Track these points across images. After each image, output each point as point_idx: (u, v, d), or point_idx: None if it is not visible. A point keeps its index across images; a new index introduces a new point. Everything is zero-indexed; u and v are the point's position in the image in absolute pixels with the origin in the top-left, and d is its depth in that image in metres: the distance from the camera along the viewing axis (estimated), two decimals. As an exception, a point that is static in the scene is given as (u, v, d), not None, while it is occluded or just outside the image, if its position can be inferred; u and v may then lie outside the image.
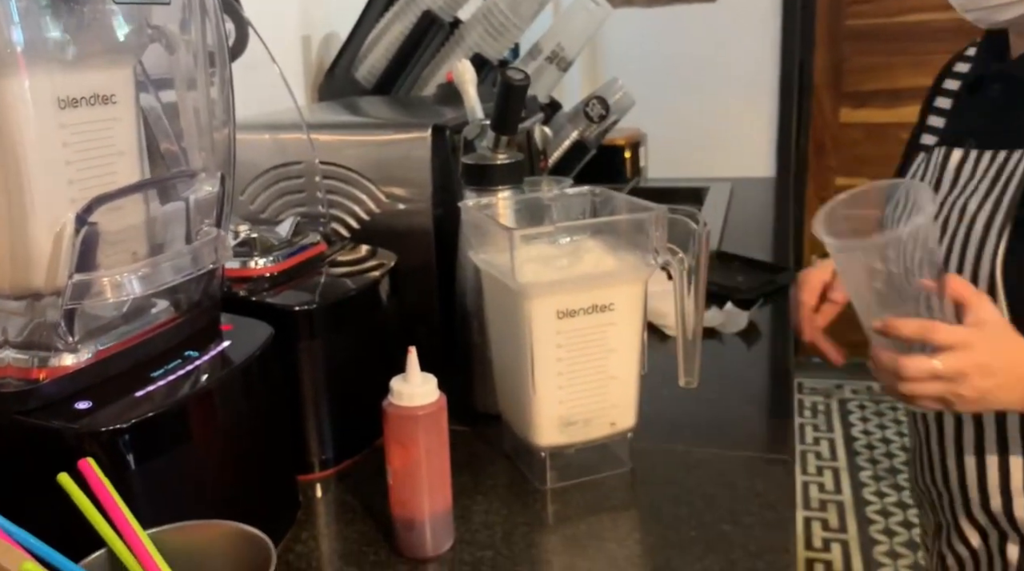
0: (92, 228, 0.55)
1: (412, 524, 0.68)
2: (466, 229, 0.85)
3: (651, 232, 0.75)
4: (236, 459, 0.66)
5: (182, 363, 0.63)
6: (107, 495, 0.49)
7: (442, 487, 0.69)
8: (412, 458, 0.67)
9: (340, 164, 1.00)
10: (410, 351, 0.67)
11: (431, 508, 0.68)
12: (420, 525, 0.68)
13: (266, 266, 0.82)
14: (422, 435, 0.67)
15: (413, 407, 0.66)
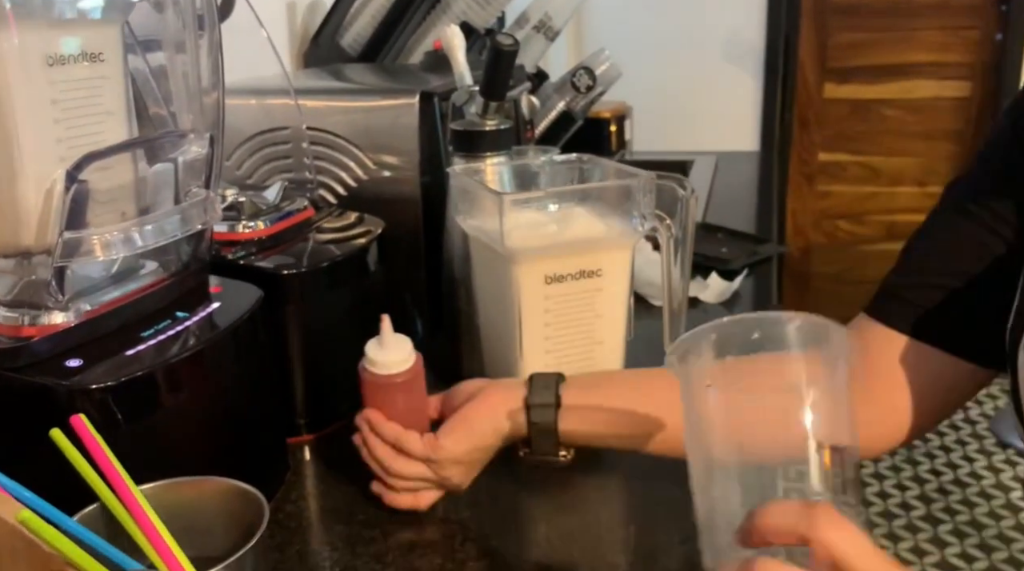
0: (82, 186, 0.55)
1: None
2: (455, 195, 0.86)
3: (639, 198, 0.75)
4: (225, 420, 0.66)
5: (171, 324, 0.63)
6: (99, 451, 0.50)
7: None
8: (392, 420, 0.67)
9: (327, 130, 0.99)
10: (383, 318, 0.67)
11: None
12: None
13: (254, 230, 0.82)
14: (401, 400, 0.67)
15: (390, 375, 0.67)
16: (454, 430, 0.66)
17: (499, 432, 0.67)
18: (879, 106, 2.88)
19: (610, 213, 0.78)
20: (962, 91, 2.80)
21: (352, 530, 0.68)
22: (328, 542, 0.67)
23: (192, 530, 0.52)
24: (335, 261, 0.82)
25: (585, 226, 0.79)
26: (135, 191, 0.63)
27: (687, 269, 0.81)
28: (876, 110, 2.88)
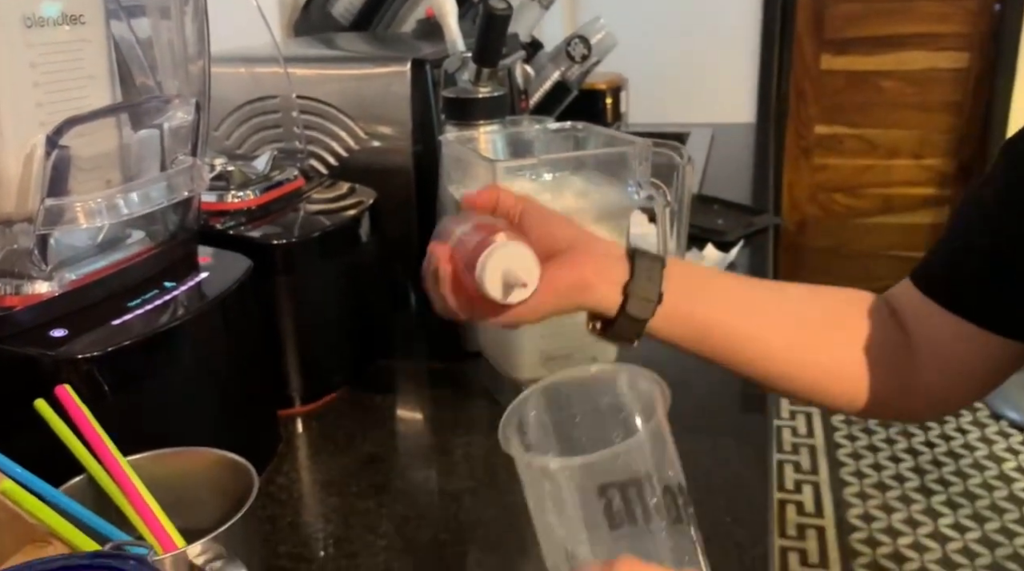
0: (63, 151, 0.53)
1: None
2: (447, 163, 0.84)
3: (635, 165, 0.74)
4: (215, 391, 0.65)
5: (159, 294, 0.62)
6: (85, 421, 0.49)
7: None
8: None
9: (318, 99, 0.98)
10: None
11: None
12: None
13: (243, 200, 0.80)
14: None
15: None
16: (536, 294, 0.56)
17: (583, 306, 0.60)
18: (876, 78, 2.85)
19: (605, 182, 0.77)
20: (960, 62, 2.78)
21: (345, 502, 0.67)
22: (321, 514, 0.66)
23: (180, 502, 0.51)
24: (326, 231, 0.80)
25: (580, 195, 0.77)
26: (120, 158, 0.62)
27: (683, 240, 0.80)
28: (873, 81, 2.86)
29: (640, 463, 0.43)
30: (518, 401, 0.48)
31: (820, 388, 0.63)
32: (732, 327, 0.62)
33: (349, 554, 0.61)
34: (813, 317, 0.64)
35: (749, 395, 0.82)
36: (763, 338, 0.62)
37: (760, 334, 0.62)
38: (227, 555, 0.45)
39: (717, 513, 0.64)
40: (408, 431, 0.80)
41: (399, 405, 0.83)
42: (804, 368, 0.63)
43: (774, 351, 0.62)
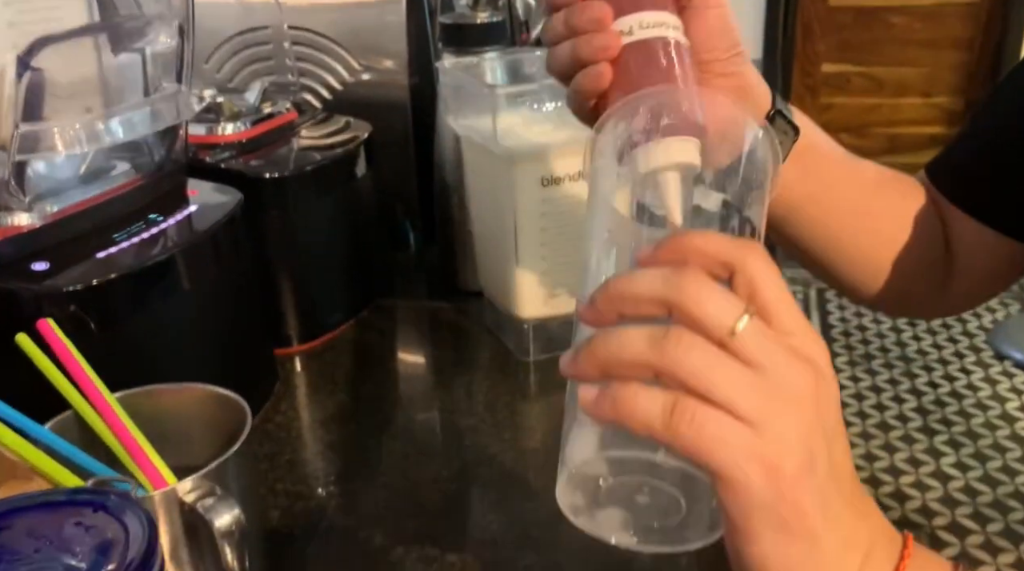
0: (37, 74, 0.50)
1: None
2: (445, 93, 0.81)
3: None
4: (207, 328, 0.63)
5: (146, 227, 0.60)
6: (69, 356, 0.47)
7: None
8: None
9: (310, 29, 0.94)
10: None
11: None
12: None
13: (233, 133, 0.78)
14: None
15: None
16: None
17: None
18: (885, 13, 2.78)
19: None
20: (972, -4, 2.71)
21: (344, 439, 0.66)
22: (320, 452, 0.65)
23: (171, 438, 0.49)
24: (320, 165, 0.78)
25: (583, 125, 0.74)
26: (100, 84, 0.59)
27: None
28: (882, 17, 2.78)
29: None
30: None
31: (866, 260, 0.62)
32: (818, 178, 0.58)
33: (348, 491, 0.59)
34: (894, 201, 0.62)
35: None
36: (831, 204, 0.60)
37: (829, 201, 0.59)
38: (219, 493, 0.43)
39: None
40: (408, 370, 0.78)
41: (399, 344, 0.82)
42: (864, 230, 0.61)
43: (841, 207, 0.60)
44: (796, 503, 0.29)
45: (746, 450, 0.28)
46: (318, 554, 0.54)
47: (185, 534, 0.44)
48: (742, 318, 0.29)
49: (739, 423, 0.29)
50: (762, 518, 0.29)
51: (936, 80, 2.83)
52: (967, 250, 0.62)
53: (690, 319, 0.29)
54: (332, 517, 0.57)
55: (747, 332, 0.29)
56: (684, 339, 0.29)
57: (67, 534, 0.31)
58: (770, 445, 0.29)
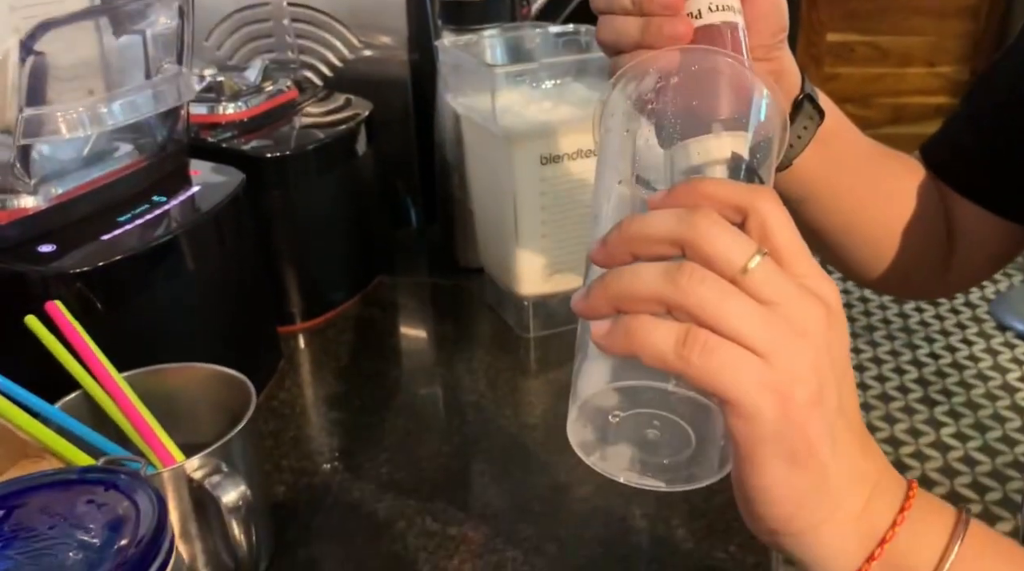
0: (40, 58, 0.51)
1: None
2: (444, 71, 0.81)
3: None
4: (212, 307, 0.64)
5: (150, 208, 0.60)
6: (77, 337, 0.48)
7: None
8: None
9: (310, 6, 0.94)
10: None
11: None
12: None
13: (234, 112, 0.78)
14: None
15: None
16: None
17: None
18: (891, -18, 2.76)
19: (587, 91, 0.74)
20: (978, -36, 2.68)
21: (349, 416, 0.67)
22: (324, 428, 0.66)
23: (178, 417, 0.51)
24: (321, 144, 0.78)
25: (583, 102, 0.75)
26: (102, 67, 0.59)
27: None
28: (888, -14, 2.76)
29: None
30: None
31: (878, 239, 0.62)
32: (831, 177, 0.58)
33: (352, 467, 0.61)
34: (904, 183, 0.62)
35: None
36: (845, 188, 0.59)
37: (844, 185, 0.59)
38: (226, 470, 0.44)
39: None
40: (410, 347, 0.79)
41: (401, 321, 0.83)
42: (877, 209, 0.61)
43: (858, 192, 0.60)
44: (805, 432, 0.30)
45: (757, 378, 0.29)
46: (322, 528, 0.55)
47: (194, 510, 0.45)
48: (754, 257, 0.30)
49: (750, 353, 0.29)
50: (771, 447, 0.30)
51: (941, 49, 2.81)
52: (965, 231, 0.62)
53: (703, 256, 0.30)
54: (336, 492, 0.58)
55: (759, 270, 0.29)
56: (696, 273, 0.29)
57: (80, 511, 0.32)
58: (781, 374, 0.29)
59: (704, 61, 0.40)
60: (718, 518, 0.54)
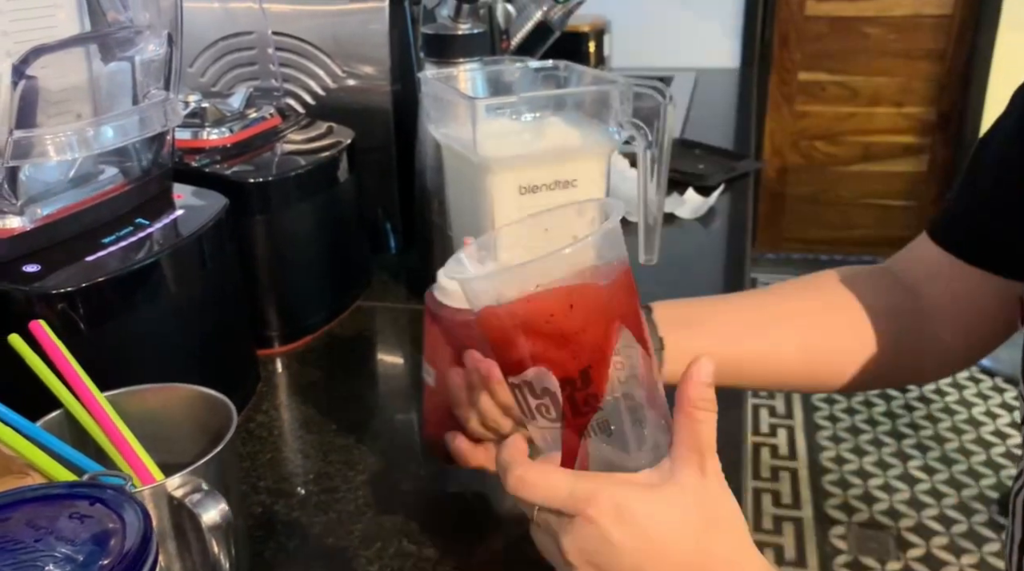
0: (31, 82, 0.52)
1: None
2: (426, 102, 0.83)
3: (616, 105, 0.73)
4: (192, 329, 0.65)
5: (133, 230, 0.61)
6: (61, 357, 0.49)
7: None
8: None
9: (294, 35, 0.96)
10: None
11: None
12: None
13: (218, 138, 0.79)
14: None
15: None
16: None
17: None
18: (860, 23, 2.83)
19: (586, 122, 0.76)
20: (944, 8, 2.76)
21: (324, 439, 0.67)
22: (301, 451, 0.67)
23: (159, 437, 0.51)
24: (303, 171, 0.79)
25: (561, 135, 0.77)
26: (90, 92, 0.60)
27: (663, 183, 0.80)
28: (857, 27, 2.83)
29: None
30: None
31: (835, 374, 0.62)
32: (741, 351, 0.60)
33: (329, 489, 0.61)
34: (815, 308, 0.63)
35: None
36: (774, 350, 0.61)
37: (769, 348, 0.61)
38: (206, 488, 0.45)
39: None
40: (387, 371, 0.80)
41: (378, 345, 0.84)
42: (819, 362, 0.62)
43: (786, 357, 0.61)
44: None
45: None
46: (299, 549, 0.56)
47: (173, 529, 0.46)
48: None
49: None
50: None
51: (909, 90, 2.88)
52: (975, 300, 0.61)
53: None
54: (313, 513, 0.59)
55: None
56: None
57: (66, 525, 0.33)
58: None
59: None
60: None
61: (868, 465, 2.14)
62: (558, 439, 0.44)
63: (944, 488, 2.05)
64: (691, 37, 2.63)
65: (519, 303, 0.41)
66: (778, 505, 2.02)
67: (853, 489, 2.06)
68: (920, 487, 2.05)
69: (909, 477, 2.09)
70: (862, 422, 2.31)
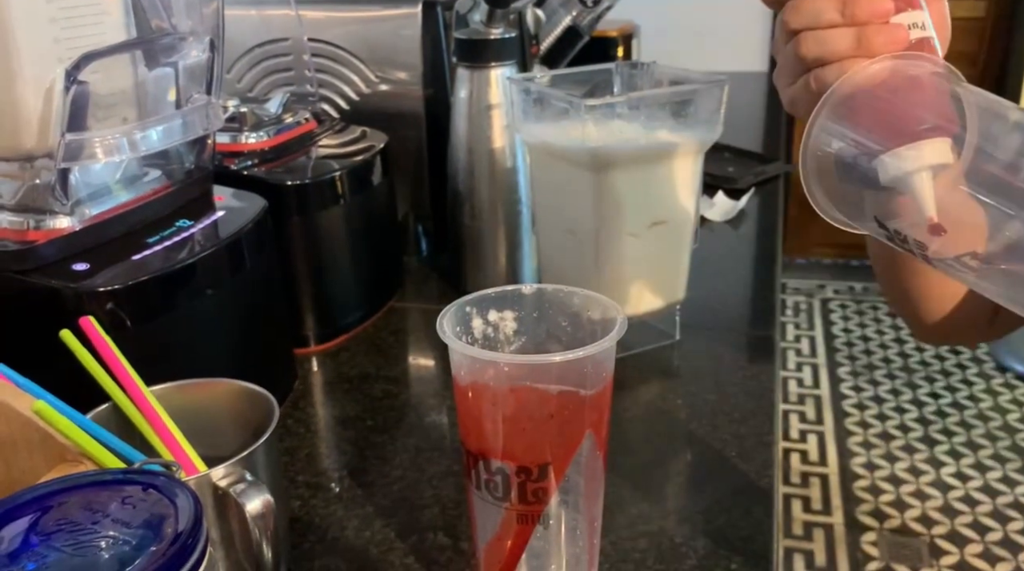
0: (82, 87, 0.54)
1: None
2: (510, 105, 0.81)
3: (713, 102, 0.73)
4: (232, 327, 0.67)
5: (176, 231, 0.63)
6: (109, 352, 0.50)
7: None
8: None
9: (329, 41, 0.98)
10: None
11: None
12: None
13: (256, 141, 0.81)
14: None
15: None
16: None
17: None
18: (891, 27, 2.81)
19: (680, 118, 0.75)
20: (976, 11, 2.73)
21: (360, 435, 0.69)
22: (337, 446, 0.68)
23: (202, 431, 0.53)
24: (338, 174, 0.81)
25: (672, 131, 0.76)
26: (136, 96, 0.62)
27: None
28: (888, 31, 2.82)
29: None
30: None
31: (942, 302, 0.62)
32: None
33: (365, 483, 0.62)
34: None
35: (758, 338, 0.84)
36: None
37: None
38: (250, 478, 0.46)
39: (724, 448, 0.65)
40: (419, 370, 0.81)
41: (411, 345, 0.85)
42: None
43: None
44: None
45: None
46: (337, 540, 0.57)
47: (217, 518, 0.47)
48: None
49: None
50: None
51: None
52: None
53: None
54: (349, 507, 0.60)
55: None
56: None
57: (120, 509, 0.34)
58: None
59: (914, 68, 0.43)
60: (720, 536, 0.56)
61: (900, 471, 2.12)
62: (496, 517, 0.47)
63: (978, 495, 2.02)
64: (720, 40, 2.63)
65: (508, 391, 0.45)
66: (808, 511, 2.01)
67: (884, 495, 2.04)
68: (953, 494, 2.03)
69: (942, 484, 2.06)
70: (893, 428, 2.28)
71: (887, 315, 2.88)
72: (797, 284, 3.09)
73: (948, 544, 1.87)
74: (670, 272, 0.80)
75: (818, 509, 2.01)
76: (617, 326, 0.46)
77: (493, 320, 0.51)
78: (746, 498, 0.60)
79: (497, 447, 0.46)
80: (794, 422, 2.34)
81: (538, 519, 0.47)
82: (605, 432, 0.48)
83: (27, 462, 0.44)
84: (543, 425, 0.45)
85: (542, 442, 0.46)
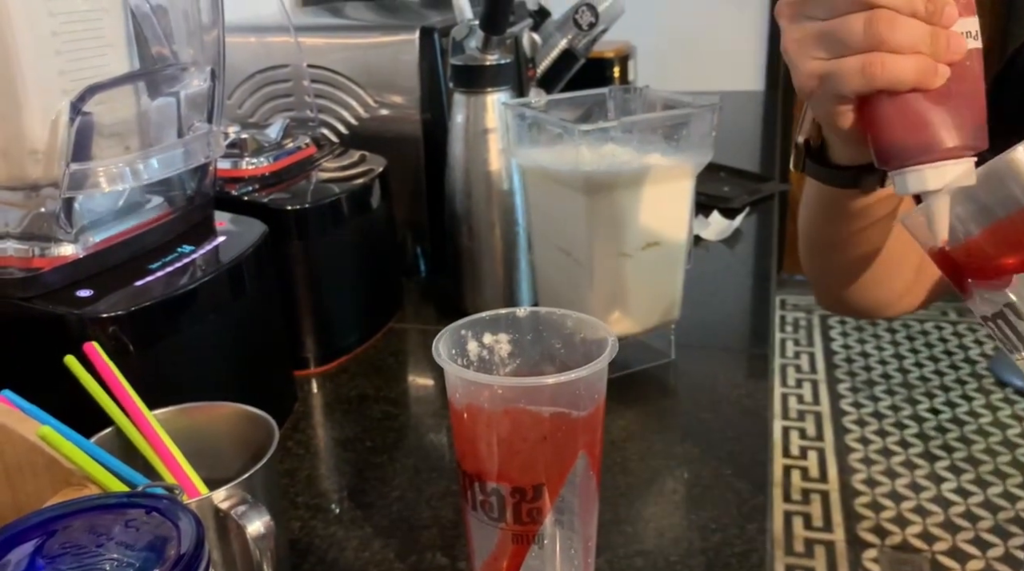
0: (87, 118, 0.55)
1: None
2: (505, 128, 0.82)
3: (705, 124, 0.75)
4: (233, 351, 0.68)
5: (178, 256, 0.64)
6: (112, 377, 0.51)
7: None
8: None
9: (327, 68, 0.99)
10: None
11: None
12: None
13: (256, 167, 0.82)
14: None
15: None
16: None
17: None
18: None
19: (671, 140, 0.76)
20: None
21: (360, 456, 0.70)
22: (336, 467, 0.69)
23: (203, 453, 0.54)
24: (338, 198, 0.82)
25: (664, 154, 0.77)
26: (138, 125, 0.64)
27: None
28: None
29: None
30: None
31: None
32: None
33: (364, 504, 0.63)
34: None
35: (754, 356, 0.85)
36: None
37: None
38: (251, 500, 0.47)
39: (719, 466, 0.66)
40: (419, 390, 0.82)
41: (410, 366, 0.86)
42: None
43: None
44: None
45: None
46: (336, 562, 0.58)
47: (218, 540, 0.48)
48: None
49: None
50: None
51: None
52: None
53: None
54: (349, 528, 0.61)
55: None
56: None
57: (123, 532, 0.35)
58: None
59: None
60: (715, 554, 0.57)
61: (900, 487, 2.12)
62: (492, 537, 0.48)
63: (979, 511, 2.02)
64: (715, 61, 2.65)
65: (503, 413, 0.46)
66: (809, 528, 2.01)
67: (885, 512, 2.04)
68: (954, 510, 2.03)
69: (943, 499, 2.06)
70: (894, 444, 2.29)
71: (886, 331, 2.89)
72: (796, 300, 3.10)
73: (950, 560, 1.87)
74: (664, 292, 0.81)
75: (819, 526, 2.01)
76: (608, 348, 0.47)
77: (488, 343, 0.53)
78: (742, 516, 0.61)
79: (492, 468, 0.47)
80: (794, 439, 2.34)
81: (533, 539, 0.48)
82: (598, 452, 0.49)
83: (32, 486, 0.45)
84: (537, 446, 0.46)
85: (536, 463, 0.47)
